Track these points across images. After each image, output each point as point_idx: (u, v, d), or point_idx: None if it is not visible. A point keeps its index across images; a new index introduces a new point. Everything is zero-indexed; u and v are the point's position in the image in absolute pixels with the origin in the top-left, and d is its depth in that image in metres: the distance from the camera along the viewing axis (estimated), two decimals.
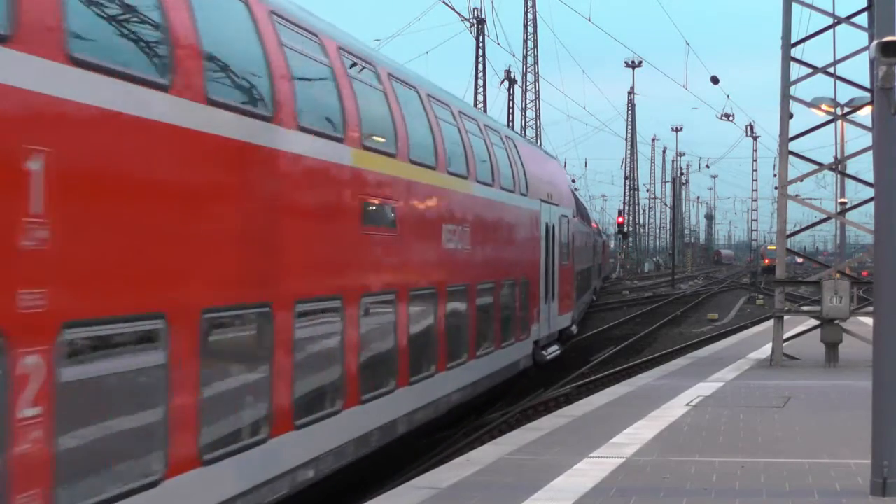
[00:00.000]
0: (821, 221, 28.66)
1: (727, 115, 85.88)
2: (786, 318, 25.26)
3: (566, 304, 31.43)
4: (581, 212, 46.74)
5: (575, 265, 36.11)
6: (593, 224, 66.86)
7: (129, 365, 8.79)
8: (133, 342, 8.88)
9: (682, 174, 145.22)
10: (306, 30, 12.98)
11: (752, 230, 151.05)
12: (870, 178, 20.38)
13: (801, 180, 27.84)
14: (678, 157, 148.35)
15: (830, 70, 25.45)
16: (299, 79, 12.36)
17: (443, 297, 17.86)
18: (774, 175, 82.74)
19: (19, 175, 7.47)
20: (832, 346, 24.52)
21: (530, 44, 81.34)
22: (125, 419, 8.80)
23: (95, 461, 8.39)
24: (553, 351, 28.28)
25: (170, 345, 9.17)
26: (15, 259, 7.43)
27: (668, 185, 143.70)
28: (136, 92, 8.89)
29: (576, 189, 79.96)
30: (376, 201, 14.86)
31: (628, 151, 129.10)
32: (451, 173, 18.56)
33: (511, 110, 78.68)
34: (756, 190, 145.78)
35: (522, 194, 24.73)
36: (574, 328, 34.71)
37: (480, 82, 69.77)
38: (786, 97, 24.91)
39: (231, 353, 10.79)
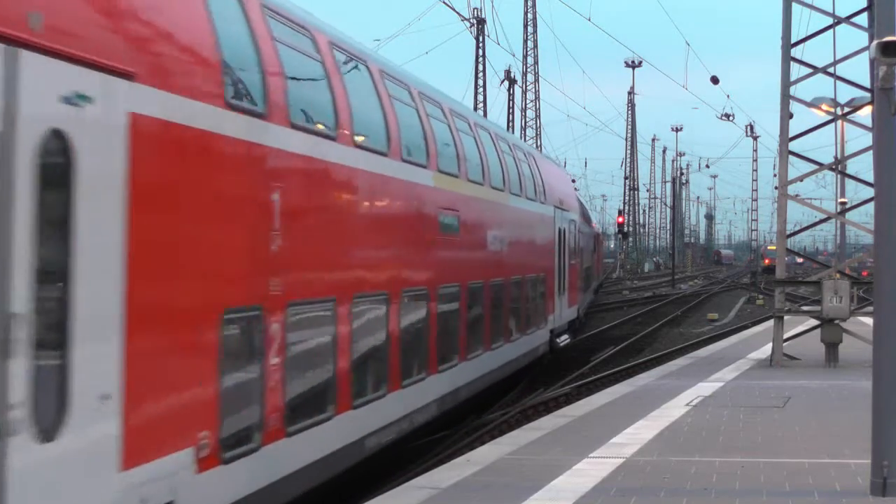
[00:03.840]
0: (821, 221, 28.65)
1: (727, 115, 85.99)
2: (786, 318, 25.26)
3: (574, 298, 35.78)
4: (584, 214, 49.25)
5: (582, 263, 40.27)
6: (593, 224, 66.76)
7: (324, 330, 12.93)
8: (323, 315, 12.88)
9: (682, 174, 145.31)
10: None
11: (752, 230, 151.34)
12: (870, 178, 20.38)
13: (801, 180, 27.85)
14: (678, 157, 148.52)
15: (830, 70, 25.46)
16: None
17: (487, 290, 21.76)
18: (774, 175, 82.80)
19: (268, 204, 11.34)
20: (832, 346, 24.52)
21: (530, 44, 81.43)
22: (321, 365, 12.89)
23: (309, 392, 12.41)
24: (565, 339, 32.74)
25: (337, 317, 13.19)
26: (267, 260, 11.19)
27: (668, 185, 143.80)
28: (334, 146, 13.46)
29: (576, 189, 79.98)
30: (449, 213, 18.85)
31: (628, 151, 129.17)
32: (493, 188, 22.66)
33: (511, 110, 78.71)
34: (756, 190, 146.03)
35: (542, 202, 28.98)
36: (580, 319, 40.19)
37: (480, 82, 69.78)
38: (786, 97, 24.91)
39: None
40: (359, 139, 14.30)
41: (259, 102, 11.23)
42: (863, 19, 24.70)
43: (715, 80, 55.03)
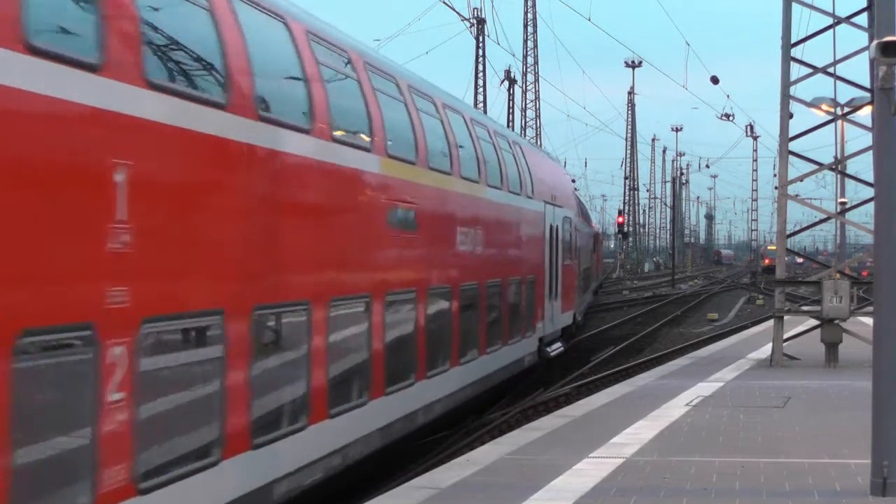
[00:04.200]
0: (821, 221, 28.65)
1: (727, 115, 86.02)
2: (786, 318, 25.26)
3: (569, 302, 32.30)
4: (582, 212, 47.10)
5: (579, 264, 37.57)
6: (593, 224, 65.05)
7: (206, 355, 10.28)
8: (205, 334, 10.40)
9: (682, 174, 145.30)
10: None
11: (752, 230, 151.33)
12: (870, 178, 20.38)
13: (801, 180, 27.85)
14: (678, 157, 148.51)
15: (830, 70, 25.46)
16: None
17: (455, 296, 18.98)
18: (774, 175, 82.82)
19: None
20: (832, 346, 24.52)
21: (530, 44, 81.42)
22: (196, 398, 10.29)
23: (181, 434, 9.96)
24: (556, 348, 29.31)
25: (227, 336, 10.49)
26: (102, 261, 8.55)
27: (668, 185, 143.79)
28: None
29: (576, 189, 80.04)
30: (402, 206, 15.97)
31: (628, 151, 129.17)
32: (464, 178, 19.78)
33: (511, 110, 78.71)
34: (756, 190, 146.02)
35: (529, 196, 25.72)
36: (577, 323, 37.12)
37: (480, 82, 69.79)
38: (786, 97, 24.91)
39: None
40: (261, 110, 11.27)
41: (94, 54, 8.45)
42: (863, 19, 24.70)
43: (715, 80, 55.03)
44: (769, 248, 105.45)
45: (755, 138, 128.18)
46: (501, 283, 22.41)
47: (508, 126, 77.11)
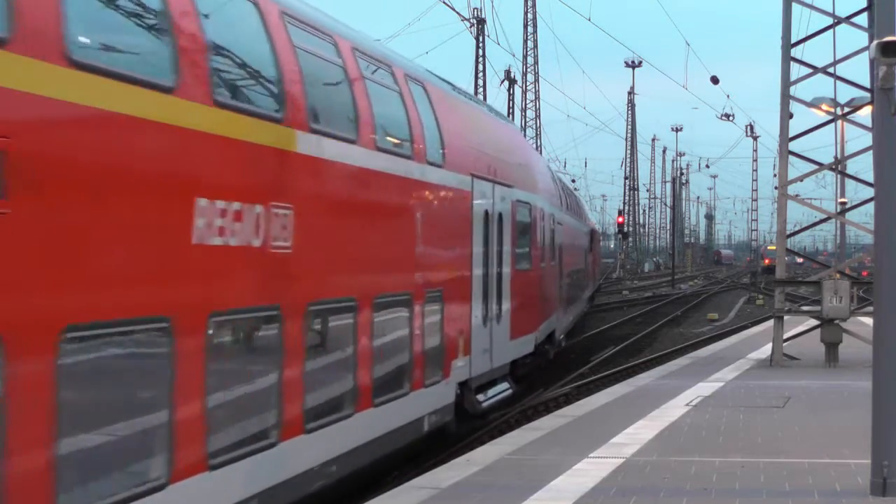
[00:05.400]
0: (821, 221, 28.66)
1: (727, 115, 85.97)
2: (786, 318, 25.27)
3: (529, 323, 23.47)
4: (569, 203, 39.38)
5: (560, 268, 31.37)
6: (589, 221, 58.96)
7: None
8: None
9: (682, 174, 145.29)
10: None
11: (752, 230, 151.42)
12: (870, 178, 20.39)
13: (801, 180, 27.86)
14: (678, 157, 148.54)
15: (830, 70, 25.47)
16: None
17: (204, 332, 9.81)
18: (774, 175, 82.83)
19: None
20: (832, 346, 24.53)
21: (530, 44, 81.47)
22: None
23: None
24: (499, 392, 20.55)
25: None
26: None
27: (668, 185, 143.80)
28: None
29: (576, 189, 79.96)
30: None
31: (628, 151, 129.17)
32: (219, 103, 10.10)
33: (511, 110, 78.69)
34: (756, 190, 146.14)
35: (432, 163, 16.26)
36: (556, 345, 29.56)
37: (480, 82, 69.80)
38: (786, 97, 24.91)
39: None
40: None
41: None
42: (863, 19, 24.70)
43: (715, 80, 55.05)
44: (769, 248, 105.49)
45: (755, 138, 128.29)
46: (357, 306, 13.15)
47: None
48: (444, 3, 53.58)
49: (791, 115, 25.20)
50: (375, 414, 13.83)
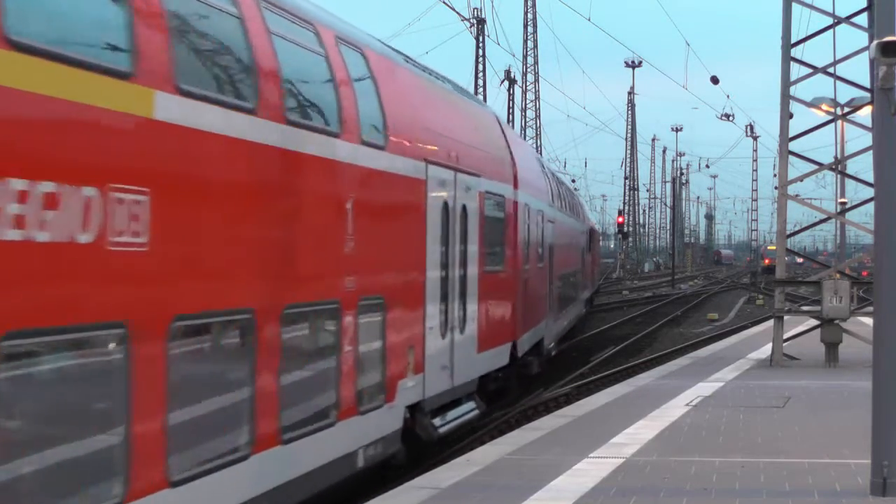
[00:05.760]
0: (821, 221, 28.67)
1: (727, 115, 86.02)
2: (786, 318, 25.27)
3: (503, 331, 20.77)
4: (566, 202, 37.03)
5: (550, 270, 28.84)
6: (587, 219, 55.81)
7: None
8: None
9: (682, 174, 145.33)
10: None
11: (752, 230, 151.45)
12: (870, 178, 20.40)
13: (801, 180, 27.88)
14: (678, 157, 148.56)
15: (830, 70, 25.48)
16: None
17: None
18: (774, 175, 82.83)
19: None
20: (832, 346, 24.53)
21: (530, 44, 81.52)
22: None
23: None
24: (462, 414, 17.81)
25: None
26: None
27: (668, 185, 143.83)
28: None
29: (576, 189, 79.99)
30: None
31: (628, 151, 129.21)
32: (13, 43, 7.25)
33: (511, 110, 78.73)
34: (756, 190, 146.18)
35: (369, 144, 13.30)
36: (543, 355, 26.90)
37: (480, 82, 69.81)
38: (786, 97, 24.92)
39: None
40: None
41: None
42: (863, 19, 24.71)
43: (715, 80, 55.10)
44: (769, 248, 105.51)
45: (755, 138, 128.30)
46: (257, 317, 10.40)
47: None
48: (444, 3, 53.56)
49: (791, 115, 25.21)
50: (283, 454, 10.83)
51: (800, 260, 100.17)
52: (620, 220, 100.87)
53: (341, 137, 12.43)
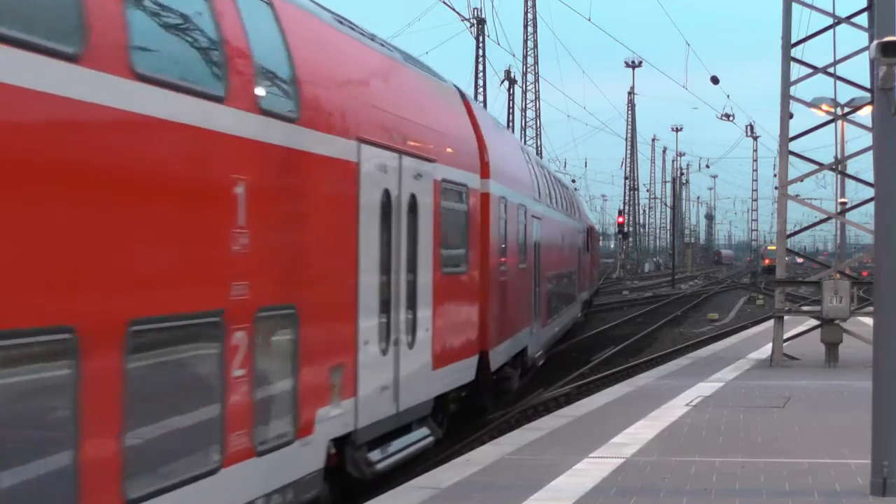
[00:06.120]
0: (821, 221, 28.67)
1: (727, 115, 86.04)
2: (786, 318, 25.28)
3: (468, 342, 18.01)
4: (558, 197, 34.23)
5: (541, 271, 26.96)
6: (586, 218, 53.26)
7: None
8: None
9: (682, 174, 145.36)
10: None
11: (752, 230, 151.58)
12: (870, 178, 20.40)
13: (801, 180, 27.89)
14: (678, 157, 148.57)
15: (830, 70, 25.48)
16: None
17: None
18: (774, 175, 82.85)
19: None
20: (832, 346, 24.53)
21: (530, 44, 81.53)
22: None
23: None
24: (411, 443, 14.94)
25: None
26: None
27: (668, 185, 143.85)
28: None
29: (576, 189, 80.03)
30: None
31: (628, 151, 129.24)
32: None
33: (511, 110, 78.76)
34: (756, 190, 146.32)
35: (271, 114, 10.58)
36: (528, 366, 24.94)
37: (480, 82, 69.85)
38: (786, 97, 24.92)
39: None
40: None
41: None
42: (863, 19, 24.71)
43: (715, 80, 55.13)
44: (769, 248, 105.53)
45: (755, 138, 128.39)
46: (80, 339, 7.46)
47: (508, 127, 77.00)
48: (444, 3, 53.59)
49: (791, 115, 25.22)
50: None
51: (800, 260, 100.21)
52: (620, 220, 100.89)
53: (227, 103, 9.56)
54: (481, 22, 66.50)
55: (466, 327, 17.90)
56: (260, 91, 10.37)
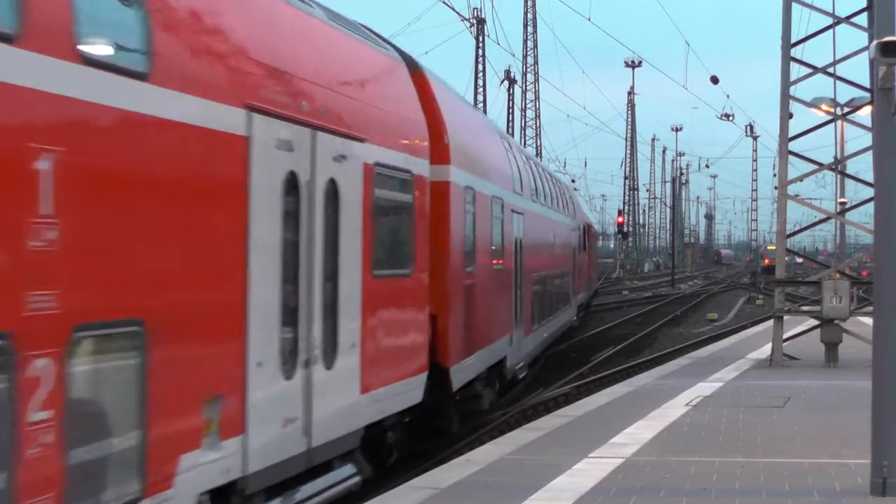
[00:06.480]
0: (821, 221, 28.67)
1: (727, 115, 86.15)
2: (786, 318, 25.28)
3: (413, 358, 15.04)
4: (547, 192, 31.34)
5: (523, 273, 24.31)
6: (586, 218, 50.84)
7: None
8: None
9: (681, 174, 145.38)
10: None
11: (751, 230, 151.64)
12: (870, 178, 20.39)
13: (801, 180, 27.90)
14: (678, 157, 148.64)
15: (830, 70, 25.48)
16: None
17: None
18: (774, 175, 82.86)
19: None
20: (832, 346, 24.53)
21: (530, 44, 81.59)
22: None
23: None
24: (329, 486, 12.14)
25: None
26: None
27: (668, 185, 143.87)
28: None
29: (575, 189, 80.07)
30: None
31: (628, 151, 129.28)
32: None
33: (511, 110, 78.79)
34: (756, 190, 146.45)
35: (104, 64, 8.00)
36: (506, 378, 22.31)
37: (480, 82, 69.87)
38: (786, 97, 24.92)
39: None
40: None
41: None
42: (863, 19, 24.71)
43: (715, 80, 55.18)
44: (769, 248, 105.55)
45: (755, 138, 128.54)
46: None
47: (508, 127, 77.00)
48: (444, 3, 53.60)
49: (791, 115, 25.22)
50: None
51: (800, 260, 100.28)
52: (620, 220, 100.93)
53: (21, 44, 7.10)
54: (481, 22, 66.57)
55: (412, 340, 14.98)
56: (81, 32, 7.69)
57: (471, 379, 18.43)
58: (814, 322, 25.83)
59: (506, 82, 78.50)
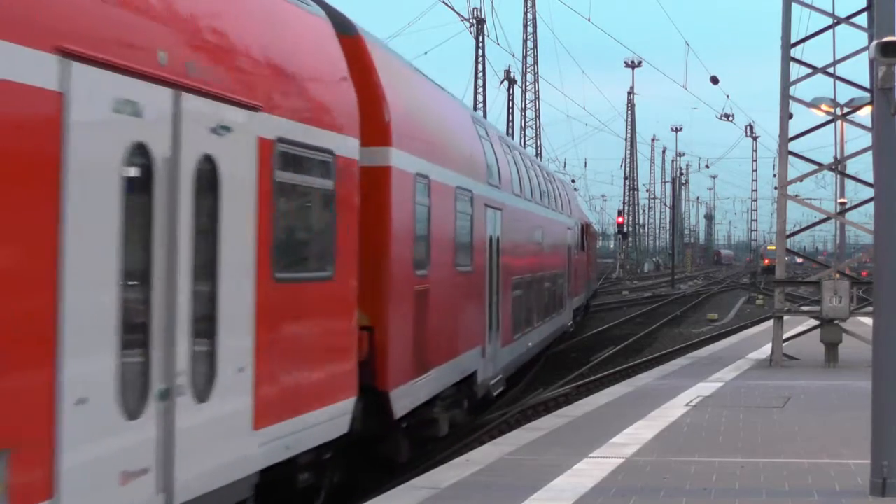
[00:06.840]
0: (821, 221, 28.66)
1: (727, 115, 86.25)
2: (785, 318, 25.28)
3: (335, 382, 12.15)
4: (536, 186, 28.77)
5: (500, 276, 21.87)
6: (583, 216, 48.46)
7: None
8: None
9: (681, 174, 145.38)
10: None
11: (751, 230, 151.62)
12: (870, 178, 20.39)
13: (801, 180, 27.88)
14: (678, 157, 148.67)
15: (830, 70, 25.49)
16: None
17: None
18: (774, 175, 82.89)
19: None
20: (832, 346, 24.53)
21: (530, 44, 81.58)
22: None
23: None
24: None
25: None
26: None
27: (668, 185, 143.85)
28: None
29: (576, 189, 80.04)
30: None
31: (628, 151, 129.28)
32: None
33: (511, 110, 78.78)
34: (756, 190, 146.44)
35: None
36: (445, 418, 17.44)
37: (480, 82, 69.85)
38: (786, 97, 24.92)
39: None
40: None
41: None
42: (863, 19, 24.72)
43: (715, 80, 55.20)
44: (769, 248, 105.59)
45: (755, 138, 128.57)
46: None
47: (508, 127, 76.98)
48: (444, 3, 53.59)
49: (791, 115, 25.23)
50: None
51: (800, 260, 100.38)
52: (620, 220, 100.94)
53: None
54: (481, 22, 66.58)
55: (333, 359, 12.15)
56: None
57: (426, 400, 15.80)
58: (814, 322, 25.83)
59: (505, 82, 78.57)
